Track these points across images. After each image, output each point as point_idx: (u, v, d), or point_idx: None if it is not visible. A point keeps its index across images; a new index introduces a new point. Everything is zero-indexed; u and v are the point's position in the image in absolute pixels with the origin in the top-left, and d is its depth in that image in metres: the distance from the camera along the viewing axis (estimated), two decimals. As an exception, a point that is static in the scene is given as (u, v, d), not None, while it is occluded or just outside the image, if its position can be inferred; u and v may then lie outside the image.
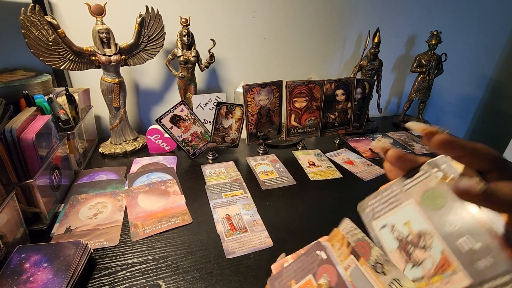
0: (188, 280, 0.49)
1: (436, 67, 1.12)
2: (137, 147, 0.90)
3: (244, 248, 0.55)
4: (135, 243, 0.56)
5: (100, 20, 0.75)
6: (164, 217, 0.62)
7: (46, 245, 0.49)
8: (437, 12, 1.22)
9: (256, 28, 1.03)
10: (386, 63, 1.14)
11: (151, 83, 1.00)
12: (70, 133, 0.72)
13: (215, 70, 1.05)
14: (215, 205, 0.67)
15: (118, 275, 0.49)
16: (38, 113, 0.63)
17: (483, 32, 1.32)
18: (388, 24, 1.17)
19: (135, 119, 1.04)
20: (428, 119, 1.27)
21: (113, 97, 0.83)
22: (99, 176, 0.77)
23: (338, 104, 0.97)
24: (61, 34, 0.70)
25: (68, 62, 0.74)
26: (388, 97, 1.37)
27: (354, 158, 0.92)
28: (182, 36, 0.83)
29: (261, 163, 0.86)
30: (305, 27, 1.08)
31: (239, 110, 0.85)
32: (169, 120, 0.82)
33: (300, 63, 1.15)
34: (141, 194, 0.69)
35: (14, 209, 0.51)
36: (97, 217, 0.62)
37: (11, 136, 0.52)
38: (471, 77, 1.44)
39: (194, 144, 0.87)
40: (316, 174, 0.82)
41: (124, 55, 0.81)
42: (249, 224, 0.61)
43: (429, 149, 0.23)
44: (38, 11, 0.65)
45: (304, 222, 0.63)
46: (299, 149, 0.96)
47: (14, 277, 0.43)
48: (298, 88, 0.88)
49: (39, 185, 0.56)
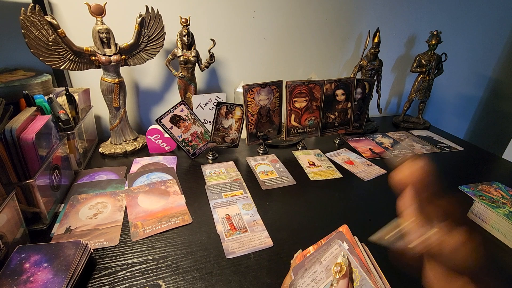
0: (188, 280, 0.49)
1: (436, 67, 1.12)
2: (137, 147, 0.90)
3: (244, 248, 0.55)
4: (135, 243, 0.56)
5: (100, 20, 0.75)
6: (164, 217, 0.62)
7: (46, 245, 0.49)
8: (437, 12, 1.22)
9: (256, 28, 1.03)
10: (386, 63, 1.14)
11: (151, 83, 1.00)
12: (70, 133, 0.72)
13: (215, 70, 1.05)
14: (215, 205, 0.67)
15: (118, 275, 0.49)
16: (38, 113, 0.63)
17: (483, 32, 1.32)
18: (388, 24, 1.17)
19: (135, 119, 1.04)
20: (428, 119, 1.27)
21: (113, 97, 0.83)
22: (99, 176, 0.77)
23: (338, 104, 0.97)
24: (61, 34, 0.70)
25: (68, 62, 0.74)
26: (388, 97, 1.37)
27: (354, 158, 0.92)
28: (182, 36, 0.83)
29: (261, 163, 0.86)
30: (305, 27, 1.08)
31: (239, 110, 0.85)
32: (169, 120, 0.82)
33: (300, 63, 1.15)
34: (141, 194, 0.69)
35: (14, 209, 0.51)
36: (97, 217, 0.62)
37: (11, 136, 0.52)
38: (471, 77, 1.44)
39: (194, 144, 0.87)
40: (316, 174, 0.82)
41: (124, 55, 0.81)
42: (249, 224, 0.61)
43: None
44: (38, 11, 0.65)
45: (304, 222, 0.63)
46: (299, 149, 0.96)
47: (14, 277, 0.43)
48: (298, 88, 0.88)
49: (39, 185, 0.56)
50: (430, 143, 1.05)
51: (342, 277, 0.33)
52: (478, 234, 0.37)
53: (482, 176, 0.84)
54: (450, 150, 1.01)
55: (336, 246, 0.38)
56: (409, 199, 0.29)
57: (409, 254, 0.29)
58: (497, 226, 0.61)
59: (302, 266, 0.41)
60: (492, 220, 0.61)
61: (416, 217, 0.29)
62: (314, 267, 0.38)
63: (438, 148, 1.01)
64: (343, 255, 0.35)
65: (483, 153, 1.00)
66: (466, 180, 0.77)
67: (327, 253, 0.39)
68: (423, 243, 0.28)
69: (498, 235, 0.61)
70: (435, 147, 1.02)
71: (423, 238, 0.28)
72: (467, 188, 0.68)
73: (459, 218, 0.28)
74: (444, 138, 1.10)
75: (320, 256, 0.39)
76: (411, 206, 0.29)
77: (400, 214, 0.30)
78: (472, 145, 1.05)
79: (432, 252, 0.28)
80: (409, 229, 0.29)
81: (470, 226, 0.29)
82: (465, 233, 0.27)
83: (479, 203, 0.64)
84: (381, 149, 0.99)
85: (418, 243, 0.28)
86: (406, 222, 0.30)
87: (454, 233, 0.27)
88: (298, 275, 0.40)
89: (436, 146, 1.02)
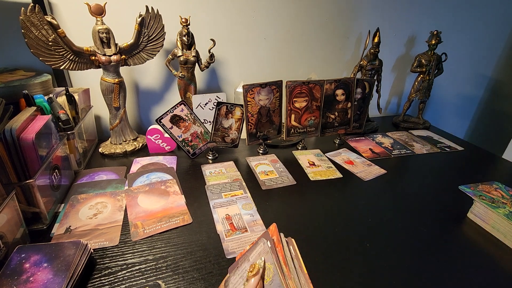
0: (188, 280, 0.49)
1: (436, 67, 1.12)
2: (137, 147, 0.90)
3: (244, 248, 0.55)
4: (135, 243, 0.56)
5: (100, 20, 0.75)
6: (164, 217, 0.62)
7: (46, 245, 0.49)
8: (437, 12, 1.22)
9: (256, 28, 1.03)
10: (386, 63, 1.14)
11: (151, 83, 1.00)
12: (70, 133, 0.72)
13: (215, 70, 1.05)
14: (215, 205, 0.67)
15: (118, 275, 0.49)
16: (38, 113, 0.63)
17: (483, 32, 1.32)
18: (388, 24, 1.17)
19: (135, 119, 1.04)
20: (428, 119, 1.27)
21: (113, 97, 0.83)
22: (99, 176, 0.77)
23: (338, 104, 0.97)
24: (61, 34, 0.70)
25: (68, 62, 0.74)
26: (388, 97, 1.37)
27: (354, 158, 0.92)
28: (182, 36, 0.83)
29: (261, 163, 0.86)
30: (305, 27, 1.08)
31: (239, 110, 0.85)
32: (169, 120, 0.82)
33: (300, 63, 1.15)
34: (141, 194, 0.69)
35: (14, 209, 0.51)
36: (97, 217, 0.62)
37: (11, 136, 0.52)
38: (471, 77, 1.44)
39: (194, 144, 0.87)
40: (316, 174, 0.82)
41: (124, 55, 0.81)
42: (249, 224, 0.61)
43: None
44: (38, 11, 0.65)
45: (304, 222, 0.63)
46: (299, 149, 0.96)
47: (14, 277, 0.43)
48: (298, 88, 0.88)
49: (39, 185, 0.56)
50: (430, 143, 1.04)
51: (254, 275, 0.37)
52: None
53: (482, 176, 0.85)
54: (450, 150, 1.01)
55: (261, 244, 0.42)
56: None
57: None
58: (497, 226, 0.61)
59: (236, 265, 0.45)
60: (492, 220, 0.61)
61: None
62: (243, 264, 0.42)
63: (438, 148, 1.01)
64: (261, 258, 0.40)
65: (483, 153, 1.00)
66: (466, 180, 0.77)
67: (253, 251, 0.43)
68: None
69: (498, 235, 0.61)
70: (435, 147, 1.02)
71: None
72: (467, 188, 0.68)
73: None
74: (444, 138, 1.10)
75: (249, 254, 0.43)
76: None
77: None
78: (472, 145, 1.05)
79: None
80: None
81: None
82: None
83: (479, 203, 0.64)
84: (381, 149, 0.99)
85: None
86: None
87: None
88: (232, 273, 0.44)
89: (436, 146, 1.02)
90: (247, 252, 0.45)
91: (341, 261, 0.53)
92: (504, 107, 1.47)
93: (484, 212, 0.63)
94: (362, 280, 0.50)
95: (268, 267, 0.39)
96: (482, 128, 1.56)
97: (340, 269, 0.52)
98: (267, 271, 0.39)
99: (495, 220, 0.61)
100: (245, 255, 0.45)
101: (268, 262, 0.39)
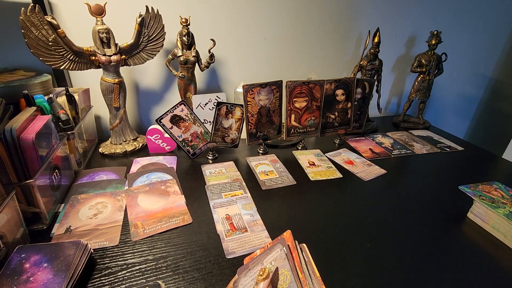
0: (188, 280, 0.49)
1: (436, 67, 1.12)
2: (137, 147, 0.90)
3: (244, 248, 0.55)
4: (135, 243, 0.56)
5: (100, 20, 0.75)
6: (164, 217, 0.62)
7: (46, 245, 0.49)
8: (437, 12, 1.22)
9: (256, 28, 1.03)
10: (386, 63, 1.14)
11: (151, 83, 1.00)
12: (70, 133, 0.72)
13: (215, 70, 1.05)
14: (215, 205, 0.67)
15: (118, 275, 0.49)
16: (38, 113, 0.63)
17: (483, 32, 1.32)
18: (388, 24, 1.17)
19: (135, 119, 1.04)
20: (428, 119, 1.27)
21: (113, 97, 0.83)
22: (99, 176, 0.77)
23: (338, 104, 0.97)
24: (61, 34, 0.70)
25: (68, 62, 0.74)
26: (388, 97, 1.37)
27: (354, 158, 0.92)
28: (182, 36, 0.83)
29: (261, 163, 0.86)
30: (305, 27, 1.08)
31: (239, 110, 0.85)
32: (169, 120, 0.82)
33: (300, 63, 1.15)
34: (141, 194, 0.69)
35: (14, 209, 0.51)
36: (97, 217, 0.62)
37: (11, 136, 0.52)
38: (471, 77, 1.44)
39: (194, 144, 0.87)
40: (316, 174, 0.82)
41: (124, 55, 0.81)
42: (249, 224, 0.61)
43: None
44: (38, 11, 0.65)
45: (304, 222, 0.63)
46: (299, 149, 0.96)
47: (14, 277, 0.43)
48: (298, 88, 0.88)
49: (39, 185, 0.56)
50: (430, 143, 1.04)
51: (263, 279, 0.38)
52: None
53: (482, 176, 0.85)
54: (450, 150, 1.01)
55: (277, 250, 0.43)
56: None
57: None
58: (497, 226, 0.61)
59: (246, 267, 0.46)
60: (492, 220, 0.61)
61: None
62: (256, 267, 0.43)
63: (438, 148, 1.01)
64: (271, 263, 0.41)
65: (483, 153, 1.00)
66: (466, 180, 0.77)
67: (269, 256, 0.43)
68: None
69: (498, 235, 0.61)
70: (435, 147, 1.02)
71: None
72: (467, 188, 0.68)
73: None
74: (444, 138, 1.10)
75: (263, 258, 0.44)
76: None
77: None
78: (472, 145, 1.05)
79: None
80: None
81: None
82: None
83: (479, 203, 0.64)
84: (381, 149, 0.99)
85: None
86: None
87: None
88: (242, 275, 0.44)
89: (436, 146, 1.02)
90: (260, 256, 0.46)
91: (341, 261, 0.53)
92: (504, 107, 1.47)
93: (484, 212, 0.63)
94: (362, 280, 0.50)
95: (285, 274, 0.40)
96: (482, 128, 1.56)
97: (340, 269, 0.52)
98: (283, 277, 0.40)
99: (495, 220, 0.61)
100: (258, 258, 0.45)
101: (285, 269, 0.40)
